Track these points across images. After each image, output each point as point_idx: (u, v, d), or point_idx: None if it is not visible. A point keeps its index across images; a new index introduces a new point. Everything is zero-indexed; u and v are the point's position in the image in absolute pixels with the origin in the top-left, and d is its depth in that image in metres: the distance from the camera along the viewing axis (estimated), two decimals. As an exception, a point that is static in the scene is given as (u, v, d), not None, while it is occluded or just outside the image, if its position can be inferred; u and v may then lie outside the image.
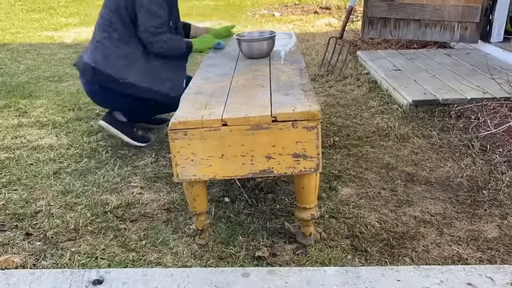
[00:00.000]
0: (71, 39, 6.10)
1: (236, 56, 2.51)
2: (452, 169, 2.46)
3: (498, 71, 3.49)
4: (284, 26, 6.59)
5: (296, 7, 8.47)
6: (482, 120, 2.93)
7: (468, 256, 1.80)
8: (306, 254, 1.83)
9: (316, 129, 1.65)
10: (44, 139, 2.95)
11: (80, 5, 9.13)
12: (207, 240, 1.91)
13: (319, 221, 2.02)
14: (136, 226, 2.04)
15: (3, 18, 7.75)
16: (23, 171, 2.53)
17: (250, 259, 1.81)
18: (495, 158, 2.51)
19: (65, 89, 3.99)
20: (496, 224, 2.00)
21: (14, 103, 3.60)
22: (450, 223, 2.02)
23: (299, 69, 2.17)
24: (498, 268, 1.69)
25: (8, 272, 1.74)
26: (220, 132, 1.66)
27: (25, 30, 6.68)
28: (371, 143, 2.80)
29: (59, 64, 4.87)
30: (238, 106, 1.75)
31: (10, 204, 2.22)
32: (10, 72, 4.57)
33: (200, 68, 2.34)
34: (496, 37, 4.32)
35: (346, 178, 2.39)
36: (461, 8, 4.01)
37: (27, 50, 5.46)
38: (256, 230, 1.99)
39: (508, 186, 2.26)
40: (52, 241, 1.95)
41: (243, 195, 2.25)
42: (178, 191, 2.31)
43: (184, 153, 1.68)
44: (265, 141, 1.66)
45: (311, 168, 1.70)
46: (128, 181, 2.42)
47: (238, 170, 1.71)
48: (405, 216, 2.06)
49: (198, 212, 1.84)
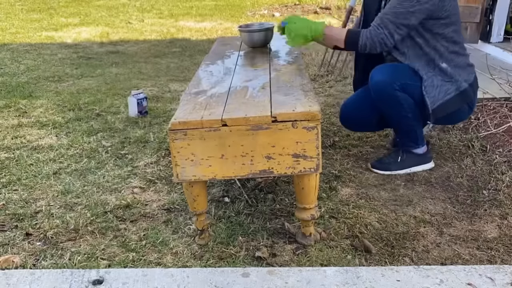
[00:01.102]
0: (71, 39, 6.10)
1: (235, 56, 2.51)
2: (452, 169, 2.46)
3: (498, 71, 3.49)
4: (284, 26, 6.57)
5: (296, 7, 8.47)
6: (482, 120, 2.93)
7: (468, 256, 1.80)
8: (306, 254, 1.83)
9: (316, 129, 1.65)
10: (44, 139, 2.95)
11: (80, 5, 9.13)
12: (207, 240, 1.91)
13: (319, 221, 2.02)
14: (136, 226, 2.04)
15: (3, 18, 7.75)
16: (23, 171, 2.53)
17: (250, 259, 1.81)
18: (495, 158, 2.51)
19: (65, 89, 3.99)
20: (496, 224, 2.00)
21: (14, 103, 3.60)
22: (450, 223, 2.02)
23: (299, 69, 2.17)
24: (498, 268, 1.69)
25: (8, 272, 1.74)
26: (220, 133, 1.66)
27: (25, 30, 6.68)
28: (371, 143, 2.80)
29: (59, 64, 4.87)
30: (238, 106, 1.75)
31: (10, 204, 2.22)
32: (10, 72, 4.57)
33: (200, 69, 2.34)
34: (496, 37, 4.32)
35: (346, 178, 2.39)
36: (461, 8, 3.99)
37: (27, 50, 5.46)
38: (256, 230, 1.99)
39: (508, 186, 2.26)
40: (52, 241, 1.95)
41: (243, 195, 2.25)
42: (178, 191, 2.31)
43: (184, 153, 1.68)
44: (265, 141, 1.66)
45: (311, 168, 1.70)
46: (128, 181, 2.42)
47: (238, 170, 1.71)
48: (405, 216, 2.06)
49: (198, 212, 1.84)
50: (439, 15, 2.15)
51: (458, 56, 2.25)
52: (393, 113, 2.31)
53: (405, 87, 2.20)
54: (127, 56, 5.19)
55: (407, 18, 2.11)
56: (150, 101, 3.57)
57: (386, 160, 2.46)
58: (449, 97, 2.22)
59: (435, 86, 2.21)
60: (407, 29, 2.14)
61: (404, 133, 2.43)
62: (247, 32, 2.62)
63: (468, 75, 2.28)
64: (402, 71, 2.23)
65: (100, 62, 4.95)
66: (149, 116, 3.30)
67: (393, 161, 2.43)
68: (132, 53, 5.35)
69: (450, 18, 2.18)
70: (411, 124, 2.34)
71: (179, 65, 4.78)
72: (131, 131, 3.03)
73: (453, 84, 2.22)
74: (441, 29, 2.18)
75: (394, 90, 2.20)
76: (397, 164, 2.41)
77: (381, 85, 2.22)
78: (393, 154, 2.46)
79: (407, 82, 2.20)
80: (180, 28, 6.75)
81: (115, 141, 2.90)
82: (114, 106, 3.53)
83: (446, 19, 2.17)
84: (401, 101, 2.23)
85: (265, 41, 2.63)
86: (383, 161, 2.46)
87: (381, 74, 2.23)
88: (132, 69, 4.66)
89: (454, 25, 2.21)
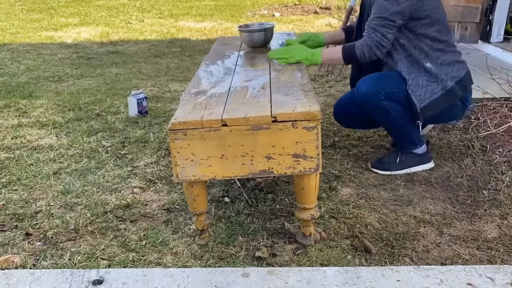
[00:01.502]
0: (71, 39, 6.10)
1: (235, 56, 2.51)
2: (452, 169, 2.46)
3: (498, 71, 3.49)
4: (284, 26, 6.58)
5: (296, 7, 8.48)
6: (482, 120, 2.93)
7: (468, 256, 1.80)
8: (306, 254, 1.83)
9: (316, 129, 1.65)
10: (44, 139, 2.95)
11: (80, 5, 9.13)
12: (207, 240, 1.91)
13: (319, 221, 2.02)
14: (136, 226, 2.04)
15: (3, 18, 7.75)
16: (23, 171, 2.53)
17: (250, 259, 1.81)
18: (495, 158, 2.51)
19: (65, 89, 3.99)
20: (496, 224, 2.00)
21: (14, 103, 3.60)
22: (450, 223, 2.02)
23: (299, 69, 2.17)
24: (498, 268, 1.69)
25: (8, 272, 1.74)
26: (220, 133, 1.66)
27: (25, 30, 6.68)
28: (371, 143, 2.80)
29: (59, 64, 4.87)
30: (238, 106, 1.75)
31: (10, 204, 2.22)
32: (10, 72, 4.57)
33: (199, 69, 2.34)
34: (496, 37, 4.32)
35: (346, 178, 2.39)
36: (461, 8, 4.01)
37: (27, 50, 5.46)
38: (256, 230, 1.99)
39: (508, 186, 2.26)
40: (52, 241, 1.95)
41: (243, 195, 2.25)
42: (178, 191, 2.31)
43: (184, 153, 1.68)
44: (265, 141, 1.66)
45: (311, 168, 1.70)
46: (128, 181, 2.42)
47: (238, 170, 1.71)
48: (405, 216, 2.06)
49: (198, 212, 1.84)
50: (419, 15, 2.17)
51: (444, 53, 2.26)
52: (383, 120, 2.36)
53: (390, 96, 2.24)
54: (127, 56, 5.19)
55: (393, 20, 2.15)
56: (150, 101, 3.57)
57: (386, 160, 2.46)
58: (436, 96, 2.23)
59: (421, 86, 2.22)
60: (396, 28, 2.18)
61: (398, 136, 2.47)
62: (247, 32, 2.62)
63: (458, 71, 2.27)
64: (387, 79, 2.27)
65: (100, 62, 4.95)
66: (149, 116, 3.30)
67: (392, 161, 2.43)
68: (132, 53, 5.35)
69: (431, 17, 2.20)
70: (403, 128, 2.37)
71: (179, 65, 4.78)
72: (131, 131, 3.03)
73: (439, 84, 2.23)
74: (423, 29, 2.21)
75: (379, 100, 2.24)
76: (396, 164, 2.42)
77: (367, 96, 2.27)
78: (393, 154, 2.46)
79: (392, 91, 2.24)
80: (180, 28, 6.75)
81: (115, 141, 2.90)
82: (114, 106, 3.53)
83: (426, 19, 2.19)
84: (388, 109, 2.26)
85: (265, 41, 2.63)
86: (383, 161, 2.46)
87: (367, 85, 2.28)
88: (132, 69, 4.66)
89: (437, 25, 2.22)
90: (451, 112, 2.40)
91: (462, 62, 2.32)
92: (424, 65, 2.23)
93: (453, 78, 2.25)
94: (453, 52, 2.30)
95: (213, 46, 2.87)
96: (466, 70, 2.32)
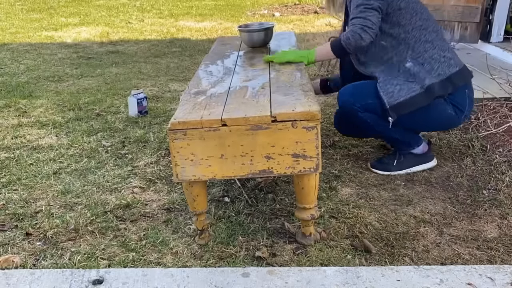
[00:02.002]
0: (71, 39, 6.10)
1: (235, 56, 2.51)
2: (452, 169, 2.46)
3: (498, 71, 3.49)
4: (284, 26, 6.58)
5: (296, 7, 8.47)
6: (482, 120, 2.93)
7: (468, 256, 1.80)
8: (306, 254, 1.83)
9: (316, 129, 1.65)
10: (44, 139, 2.95)
11: (80, 5, 9.13)
12: (207, 240, 1.91)
13: (319, 221, 2.02)
14: (136, 226, 2.04)
15: (3, 18, 7.75)
16: (23, 171, 2.53)
17: (250, 259, 1.81)
18: (495, 158, 2.51)
19: (65, 89, 3.99)
20: (496, 224, 2.00)
21: (14, 103, 3.60)
22: (450, 223, 2.02)
23: (299, 69, 2.17)
24: (498, 268, 1.69)
25: (8, 272, 1.74)
26: (219, 132, 1.66)
27: (25, 30, 6.68)
28: (371, 143, 2.80)
29: (59, 64, 4.87)
30: (237, 106, 1.75)
31: (10, 204, 2.22)
32: (10, 72, 4.57)
33: (199, 69, 2.34)
34: (496, 37, 4.32)
35: (346, 178, 2.39)
36: (461, 8, 4.01)
37: (27, 50, 5.46)
38: (256, 230, 1.99)
39: (508, 186, 2.26)
40: (52, 241, 1.95)
41: (243, 195, 2.25)
42: (178, 191, 2.31)
43: (183, 153, 1.68)
44: (265, 141, 1.66)
45: (311, 168, 1.70)
46: (128, 181, 2.42)
47: (238, 170, 1.71)
48: (405, 216, 2.06)
49: (198, 212, 1.84)
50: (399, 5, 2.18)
51: (433, 46, 2.23)
52: (364, 128, 2.38)
53: (366, 107, 2.26)
54: (127, 56, 5.19)
55: (369, 3, 2.15)
56: (150, 101, 3.57)
57: (385, 160, 2.46)
58: (414, 94, 2.19)
59: (395, 84, 2.21)
60: (377, 12, 2.16)
61: (388, 140, 2.50)
62: (247, 32, 2.62)
63: (450, 68, 2.22)
64: (366, 90, 2.28)
65: (100, 62, 4.95)
66: (149, 116, 3.30)
67: (391, 162, 2.43)
68: (132, 53, 5.35)
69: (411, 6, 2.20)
70: (389, 134, 2.38)
71: (179, 65, 4.78)
72: (131, 131, 3.03)
73: (417, 83, 2.19)
74: (407, 19, 2.21)
75: (356, 111, 2.28)
76: (395, 165, 2.42)
77: (345, 105, 2.33)
78: (392, 155, 2.46)
79: (367, 102, 2.25)
80: (180, 28, 6.75)
81: (115, 141, 2.90)
82: (114, 106, 3.53)
83: (407, 8, 2.20)
84: (366, 119, 2.29)
85: (264, 41, 2.63)
86: (383, 161, 2.46)
87: (346, 94, 2.32)
88: (132, 69, 4.66)
89: (420, 13, 2.23)
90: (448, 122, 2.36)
91: (452, 59, 2.25)
92: (404, 66, 2.22)
93: (438, 75, 2.20)
94: (444, 47, 2.25)
95: (213, 46, 2.87)
96: (458, 68, 2.24)
